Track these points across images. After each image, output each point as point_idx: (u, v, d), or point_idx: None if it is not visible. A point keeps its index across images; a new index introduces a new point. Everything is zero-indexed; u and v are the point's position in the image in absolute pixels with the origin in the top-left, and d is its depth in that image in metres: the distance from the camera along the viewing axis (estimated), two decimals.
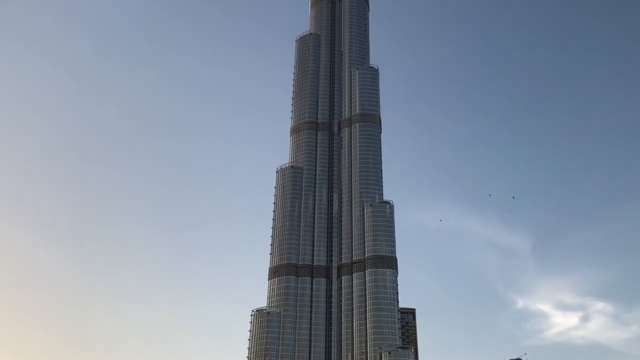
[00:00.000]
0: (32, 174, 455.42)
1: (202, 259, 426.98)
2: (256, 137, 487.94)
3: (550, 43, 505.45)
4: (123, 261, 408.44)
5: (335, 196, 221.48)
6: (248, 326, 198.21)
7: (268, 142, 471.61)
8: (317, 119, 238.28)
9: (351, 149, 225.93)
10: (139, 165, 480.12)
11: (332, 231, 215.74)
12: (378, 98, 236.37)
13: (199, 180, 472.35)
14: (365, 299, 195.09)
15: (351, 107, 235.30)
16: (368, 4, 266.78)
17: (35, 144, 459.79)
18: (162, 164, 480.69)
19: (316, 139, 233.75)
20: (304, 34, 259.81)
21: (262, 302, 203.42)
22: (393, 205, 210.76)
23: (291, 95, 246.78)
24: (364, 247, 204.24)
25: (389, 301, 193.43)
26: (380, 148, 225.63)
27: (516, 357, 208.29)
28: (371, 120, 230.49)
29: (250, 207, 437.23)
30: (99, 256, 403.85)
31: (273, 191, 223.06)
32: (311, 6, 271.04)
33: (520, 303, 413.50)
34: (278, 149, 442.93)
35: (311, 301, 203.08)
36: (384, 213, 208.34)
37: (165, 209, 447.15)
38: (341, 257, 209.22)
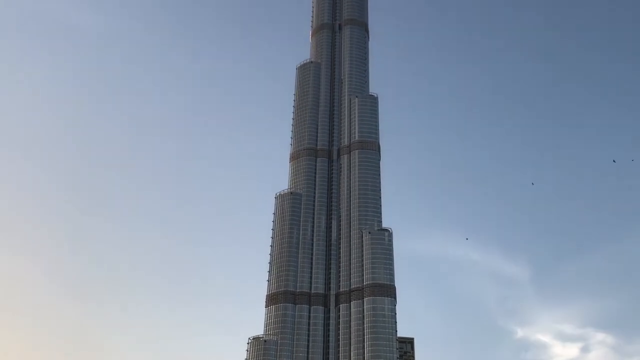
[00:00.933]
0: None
1: (198, 285, 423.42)
2: (255, 162, 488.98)
3: (551, 68, 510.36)
4: (120, 298, 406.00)
5: (334, 223, 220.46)
6: (244, 354, 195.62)
7: (267, 168, 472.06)
8: (316, 145, 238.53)
9: (350, 176, 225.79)
10: (138, 182, 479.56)
11: (330, 258, 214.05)
12: (377, 126, 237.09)
13: (196, 205, 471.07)
14: (363, 328, 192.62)
15: (350, 135, 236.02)
16: (368, 33, 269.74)
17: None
18: (162, 178, 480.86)
19: (315, 165, 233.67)
20: (305, 62, 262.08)
21: (259, 330, 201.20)
22: (392, 233, 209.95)
23: (291, 121, 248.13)
24: (363, 274, 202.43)
25: (387, 330, 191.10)
26: (380, 175, 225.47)
27: None
28: (370, 148, 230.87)
29: (248, 233, 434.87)
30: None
31: (272, 217, 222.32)
32: (312, 35, 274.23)
33: (520, 333, 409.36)
34: (277, 175, 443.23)
35: (308, 329, 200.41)
36: (383, 241, 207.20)
37: (161, 228, 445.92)
38: (339, 285, 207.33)
